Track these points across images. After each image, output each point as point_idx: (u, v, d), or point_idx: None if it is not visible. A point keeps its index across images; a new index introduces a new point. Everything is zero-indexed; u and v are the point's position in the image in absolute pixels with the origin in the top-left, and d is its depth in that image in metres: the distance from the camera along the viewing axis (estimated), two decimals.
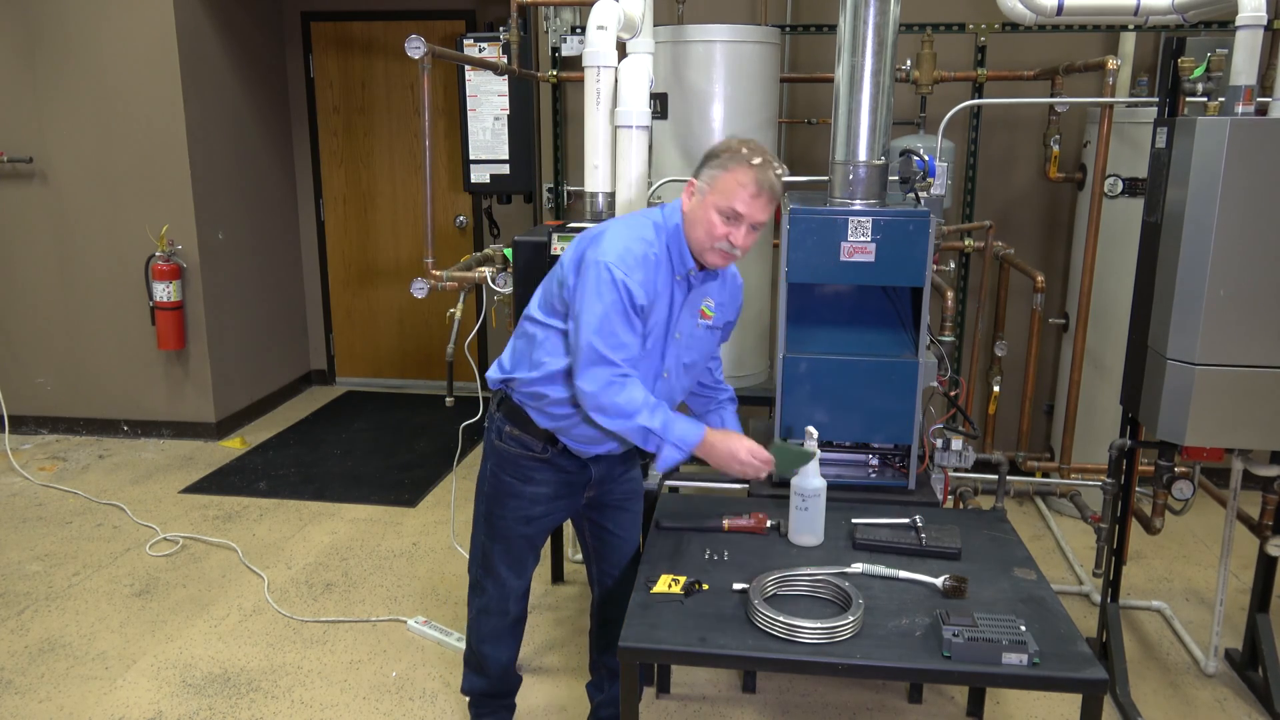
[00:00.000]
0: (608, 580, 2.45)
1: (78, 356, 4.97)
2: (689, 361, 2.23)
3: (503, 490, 2.28)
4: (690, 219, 2.07)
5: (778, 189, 2.03)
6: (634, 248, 2.05)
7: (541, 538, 2.37)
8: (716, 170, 2.03)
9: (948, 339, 3.08)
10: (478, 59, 3.95)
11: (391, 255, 5.80)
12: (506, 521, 2.30)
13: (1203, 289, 2.42)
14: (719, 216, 2.01)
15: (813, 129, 4.40)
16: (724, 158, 2.03)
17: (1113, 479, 2.86)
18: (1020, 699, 2.80)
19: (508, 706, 2.59)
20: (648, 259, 2.05)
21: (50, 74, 4.65)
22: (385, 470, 4.60)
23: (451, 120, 5.31)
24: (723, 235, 2.02)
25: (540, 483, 2.26)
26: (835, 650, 1.86)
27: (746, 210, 2.00)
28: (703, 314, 2.20)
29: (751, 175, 1.99)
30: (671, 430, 2.04)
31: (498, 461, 2.28)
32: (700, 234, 2.05)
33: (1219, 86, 2.54)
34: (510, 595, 2.39)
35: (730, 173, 2.00)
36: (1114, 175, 3.73)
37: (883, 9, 2.61)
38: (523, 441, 2.23)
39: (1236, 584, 3.45)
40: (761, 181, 2.00)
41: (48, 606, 3.32)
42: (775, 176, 2.02)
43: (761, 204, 2.01)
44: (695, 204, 2.06)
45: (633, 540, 2.44)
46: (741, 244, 2.04)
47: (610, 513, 2.38)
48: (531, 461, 2.24)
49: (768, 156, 2.03)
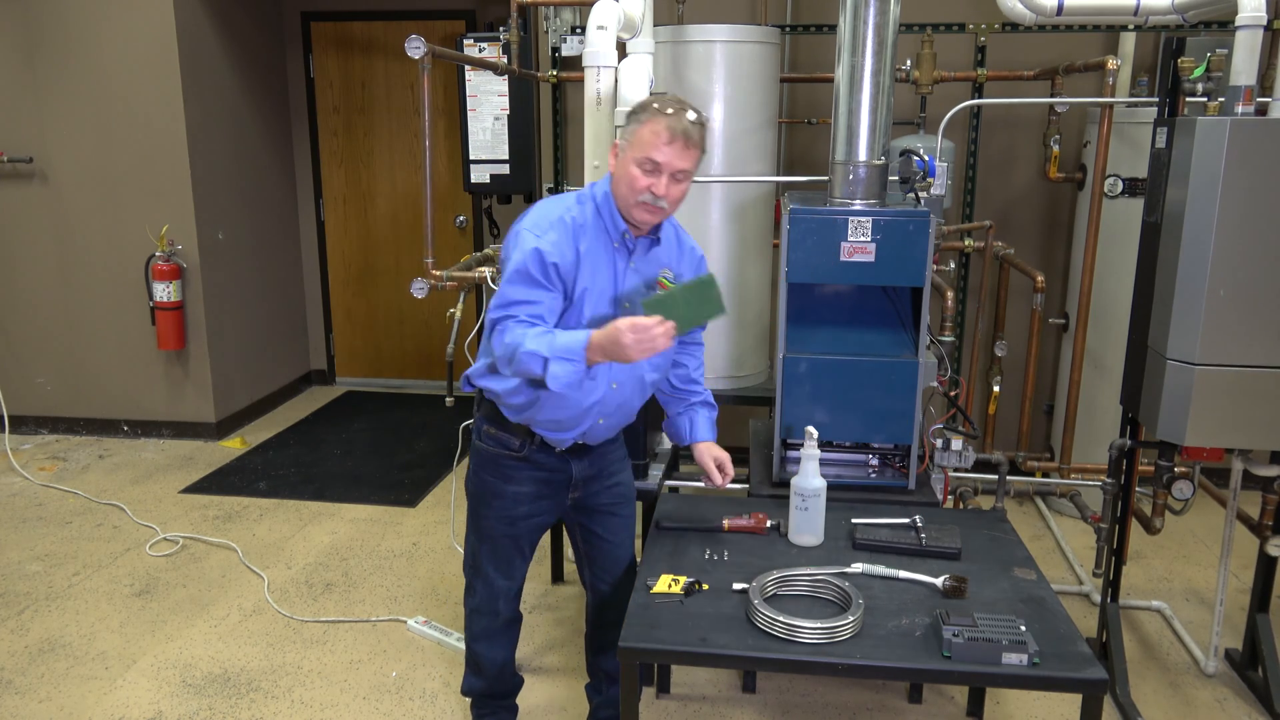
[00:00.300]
0: (600, 585, 2.44)
1: (78, 356, 4.97)
2: None
3: (485, 490, 2.29)
4: (615, 178, 2.10)
5: (694, 135, 2.04)
6: (550, 212, 2.09)
7: (528, 539, 2.35)
8: (633, 125, 2.06)
9: (948, 339, 3.08)
10: (478, 59, 3.94)
11: (391, 255, 5.80)
12: (490, 522, 2.30)
13: (1203, 289, 2.42)
14: (639, 170, 2.03)
15: (813, 129, 4.40)
16: (639, 113, 2.06)
17: (1113, 479, 2.86)
18: (1020, 699, 2.80)
19: (508, 708, 2.59)
20: (563, 221, 2.07)
21: (50, 74, 4.65)
22: (385, 470, 4.60)
23: (451, 120, 5.31)
24: (645, 187, 2.04)
25: (521, 482, 2.25)
26: (835, 650, 1.86)
27: (664, 159, 2.02)
28: (661, 284, 2.19)
29: (665, 123, 2.01)
30: (554, 345, 1.97)
31: (479, 461, 2.29)
32: (624, 190, 2.07)
33: (1219, 86, 2.54)
34: (499, 595, 2.38)
35: (645, 125, 2.03)
36: (1114, 175, 3.73)
37: (883, 9, 2.61)
38: (501, 440, 2.23)
39: (1236, 584, 3.45)
40: (674, 128, 2.01)
41: (48, 606, 3.32)
42: (690, 123, 2.03)
43: (678, 150, 2.02)
44: (618, 163, 2.09)
45: (624, 545, 2.42)
46: (665, 194, 2.04)
47: (599, 517, 2.37)
48: (511, 460, 2.24)
49: (681, 105, 2.05)
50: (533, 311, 2.02)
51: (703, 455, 2.43)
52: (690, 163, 2.05)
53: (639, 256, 2.16)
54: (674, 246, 2.24)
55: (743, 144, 3.49)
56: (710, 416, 2.47)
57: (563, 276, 2.05)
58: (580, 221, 2.09)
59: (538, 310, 2.02)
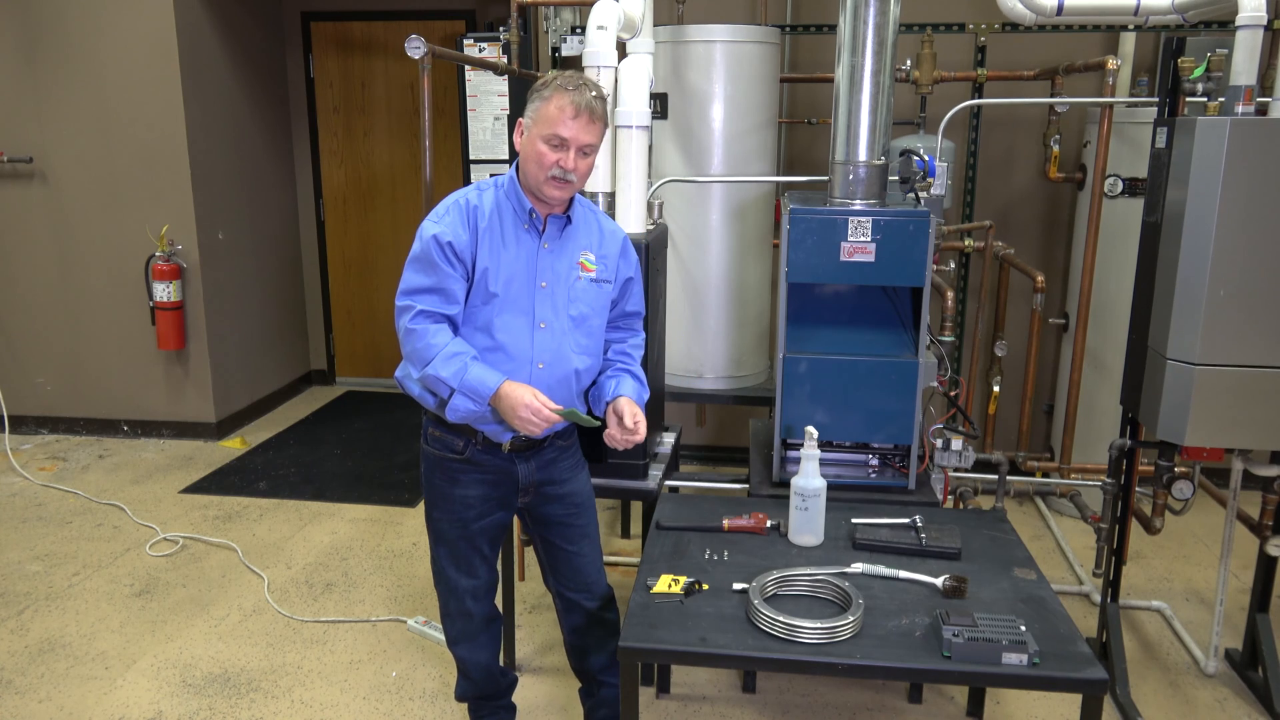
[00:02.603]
0: (566, 593, 2.41)
1: (78, 356, 4.97)
2: (577, 314, 2.19)
3: (435, 494, 2.29)
4: (523, 156, 2.12)
5: (597, 109, 2.09)
6: (447, 200, 2.15)
7: (485, 538, 2.32)
8: (536, 103, 2.09)
9: (948, 339, 3.08)
10: (478, 59, 3.95)
11: (391, 255, 5.80)
12: (442, 524, 2.30)
13: (1203, 289, 2.42)
14: (546, 146, 2.07)
15: (813, 129, 4.40)
16: (541, 91, 2.09)
17: (1113, 479, 2.86)
18: (1020, 699, 2.80)
19: (506, 707, 2.59)
20: (458, 204, 2.13)
21: (50, 74, 4.65)
22: (385, 470, 4.60)
23: (451, 120, 5.30)
24: (553, 162, 2.07)
25: (466, 484, 2.25)
26: (835, 650, 1.86)
27: (570, 134, 2.06)
28: (583, 266, 2.21)
29: (568, 98, 2.05)
30: (465, 380, 2.06)
31: (427, 465, 2.29)
32: (533, 167, 2.09)
33: (1219, 86, 2.54)
34: (464, 595, 2.35)
35: (548, 101, 2.06)
36: (1114, 175, 3.73)
37: (883, 9, 2.61)
38: (444, 442, 2.23)
39: (1236, 584, 3.45)
40: (579, 103, 2.05)
41: (48, 606, 3.32)
42: (592, 98, 2.08)
43: (583, 124, 2.06)
44: (525, 141, 2.11)
45: (585, 554, 2.38)
46: (574, 167, 2.08)
47: (555, 528, 2.35)
48: (455, 463, 2.23)
49: (583, 80, 2.09)
50: (432, 300, 2.09)
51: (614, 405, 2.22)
52: (595, 137, 2.10)
53: (551, 237, 2.17)
54: (593, 230, 2.25)
55: (743, 144, 3.49)
56: (638, 388, 2.27)
57: (460, 256, 2.10)
58: (475, 204, 2.13)
59: (436, 296, 2.10)
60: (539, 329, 2.16)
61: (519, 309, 2.14)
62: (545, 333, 2.16)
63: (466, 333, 2.14)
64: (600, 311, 2.25)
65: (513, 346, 2.14)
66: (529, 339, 2.15)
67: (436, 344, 2.08)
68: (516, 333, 2.14)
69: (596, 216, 2.29)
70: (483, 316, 2.13)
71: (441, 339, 2.09)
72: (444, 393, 2.09)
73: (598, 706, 2.53)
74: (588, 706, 2.57)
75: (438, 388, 2.10)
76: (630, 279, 2.32)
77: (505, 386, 2.06)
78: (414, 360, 2.13)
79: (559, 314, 2.18)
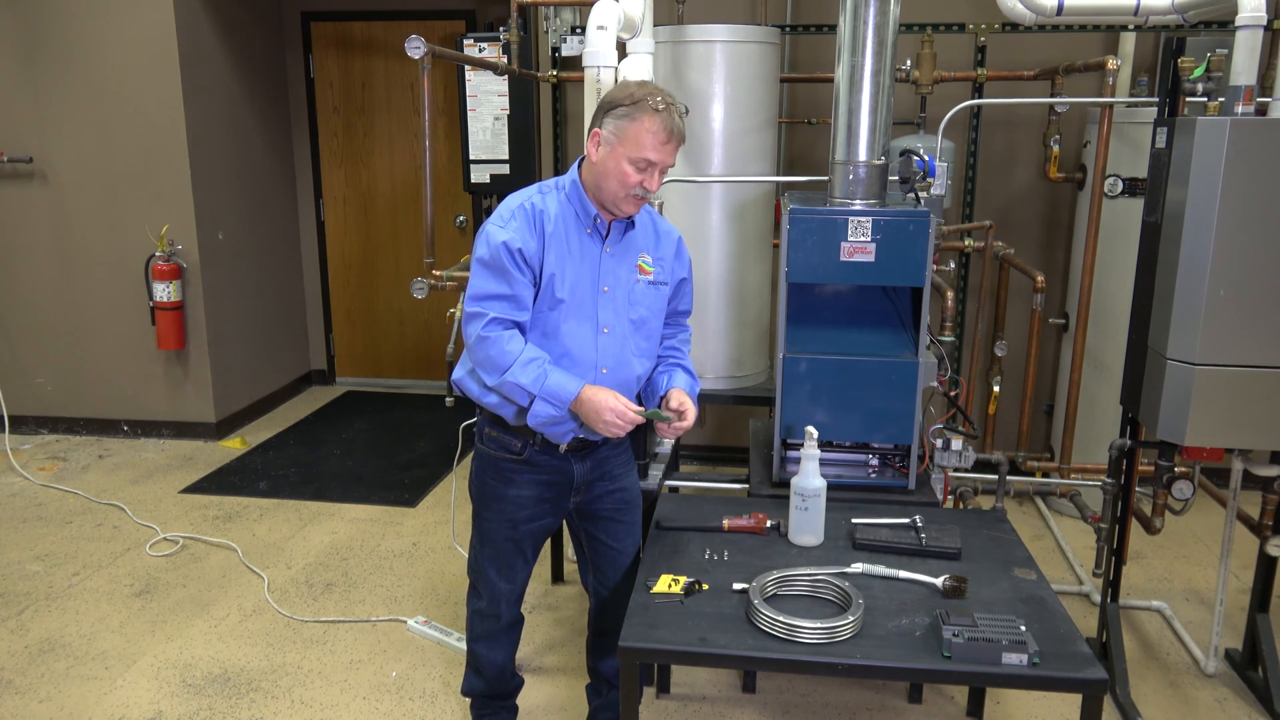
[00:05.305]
0: (604, 591, 2.42)
1: (78, 356, 4.97)
2: (637, 318, 2.20)
3: (487, 493, 2.28)
4: (601, 170, 2.09)
5: (682, 129, 2.09)
6: (510, 203, 2.13)
7: (530, 542, 2.33)
8: (623, 121, 2.05)
9: (948, 339, 3.08)
10: (478, 59, 3.94)
11: (391, 255, 5.80)
12: (492, 525, 2.29)
13: (1203, 289, 2.42)
14: (631, 167, 2.05)
15: (813, 129, 4.40)
16: (628, 107, 2.05)
17: (1113, 479, 2.86)
18: (1020, 699, 2.80)
19: (509, 708, 2.59)
20: (523, 209, 2.10)
21: (50, 74, 4.65)
22: (385, 470, 4.60)
23: (451, 120, 5.31)
24: (637, 183, 2.06)
25: (522, 485, 2.25)
26: (835, 650, 1.86)
27: (659, 158, 2.05)
28: (641, 269, 2.20)
29: (659, 122, 2.03)
30: (545, 386, 2.06)
31: (480, 465, 2.29)
32: (614, 184, 2.07)
33: (1219, 86, 2.54)
34: (500, 599, 2.37)
35: (637, 122, 2.03)
36: (1114, 175, 3.73)
37: (883, 9, 2.61)
38: (501, 443, 2.23)
39: (1236, 584, 3.45)
40: (670, 128, 2.04)
41: (48, 606, 3.32)
42: (679, 120, 2.07)
43: (671, 149, 2.07)
44: (604, 154, 2.08)
45: (628, 552, 2.40)
46: (654, 188, 2.09)
47: (603, 523, 2.36)
48: (511, 463, 2.23)
49: (670, 100, 2.07)
50: (503, 307, 2.07)
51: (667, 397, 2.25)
52: (676, 156, 2.11)
53: (613, 241, 2.17)
54: (650, 232, 2.25)
55: (743, 144, 3.49)
56: (690, 381, 2.31)
57: (529, 262, 2.08)
58: (541, 208, 2.11)
59: (507, 302, 2.07)
60: (602, 334, 2.16)
61: (583, 314, 2.13)
62: (608, 337, 2.16)
63: (533, 339, 2.13)
64: (658, 314, 2.26)
65: (578, 352, 2.13)
66: (593, 344, 2.14)
67: (512, 350, 2.06)
68: (581, 338, 2.13)
69: (652, 217, 2.28)
70: (549, 322, 2.12)
71: (516, 345, 2.07)
72: (523, 400, 2.08)
73: (603, 708, 2.54)
74: (594, 705, 2.58)
75: (516, 395, 2.08)
76: (684, 279, 2.33)
77: (586, 391, 2.06)
78: (488, 368, 2.09)
79: (620, 318, 2.17)
